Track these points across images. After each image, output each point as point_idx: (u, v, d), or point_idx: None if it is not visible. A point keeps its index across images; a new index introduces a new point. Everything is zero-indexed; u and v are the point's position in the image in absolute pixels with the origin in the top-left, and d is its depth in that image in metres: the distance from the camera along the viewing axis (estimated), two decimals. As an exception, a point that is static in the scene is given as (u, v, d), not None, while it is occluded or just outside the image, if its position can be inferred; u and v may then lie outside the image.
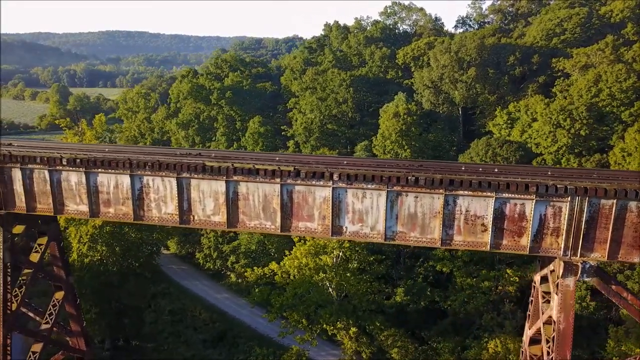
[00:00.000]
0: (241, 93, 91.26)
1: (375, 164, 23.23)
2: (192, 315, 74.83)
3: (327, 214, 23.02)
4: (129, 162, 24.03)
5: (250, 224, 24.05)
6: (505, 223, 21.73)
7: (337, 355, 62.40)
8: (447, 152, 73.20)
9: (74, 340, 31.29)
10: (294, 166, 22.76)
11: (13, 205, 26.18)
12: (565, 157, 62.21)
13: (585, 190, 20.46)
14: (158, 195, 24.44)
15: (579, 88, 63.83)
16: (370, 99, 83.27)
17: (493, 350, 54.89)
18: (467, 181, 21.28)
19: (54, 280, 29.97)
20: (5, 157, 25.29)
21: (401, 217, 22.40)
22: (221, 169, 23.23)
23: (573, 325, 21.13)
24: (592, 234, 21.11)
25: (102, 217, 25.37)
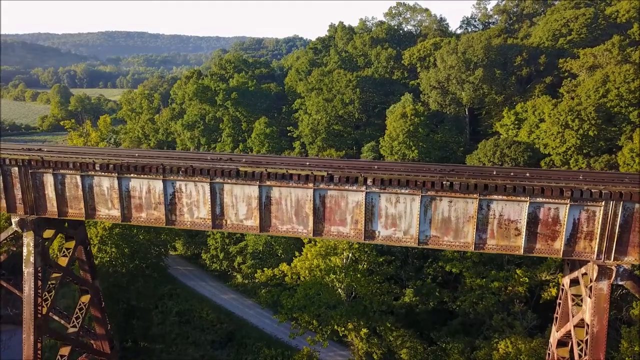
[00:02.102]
0: (246, 94, 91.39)
1: (408, 168, 23.42)
2: (199, 316, 74.91)
3: (359, 219, 23.22)
4: (162, 167, 24.15)
5: (283, 228, 24.25)
6: (539, 227, 22.00)
7: (346, 355, 62.68)
8: (454, 152, 73.52)
9: (99, 343, 31.45)
10: (326, 171, 22.94)
11: (44, 210, 26.28)
12: (573, 158, 62.58)
13: (620, 195, 20.75)
14: (190, 200, 24.60)
15: (586, 88, 64.16)
16: (377, 99, 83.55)
17: (504, 351, 55.14)
18: (502, 186, 21.53)
19: (80, 284, 30.10)
20: (37, 162, 25.37)
21: (435, 222, 22.64)
22: (255, 174, 23.39)
23: (607, 328, 21.40)
24: (625, 237, 21.41)
25: (134, 221, 25.49)
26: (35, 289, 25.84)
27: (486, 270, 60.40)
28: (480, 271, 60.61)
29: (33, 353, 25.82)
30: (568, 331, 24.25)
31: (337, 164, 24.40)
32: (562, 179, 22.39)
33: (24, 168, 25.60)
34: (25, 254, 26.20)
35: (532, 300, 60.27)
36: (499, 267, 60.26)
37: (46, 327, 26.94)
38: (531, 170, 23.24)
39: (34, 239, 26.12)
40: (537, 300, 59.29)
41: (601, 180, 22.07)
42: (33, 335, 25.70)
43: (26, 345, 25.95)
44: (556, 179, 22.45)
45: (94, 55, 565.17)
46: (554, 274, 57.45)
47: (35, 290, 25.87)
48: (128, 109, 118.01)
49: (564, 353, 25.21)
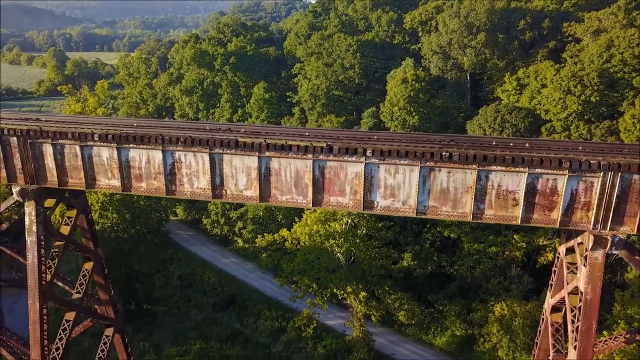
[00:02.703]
0: (245, 59, 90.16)
1: (407, 138, 23.41)
2: (201, 280, 76.32)
3: (358, 189, 23.37)
4: (161, 137, 24.13)
5: (282, 198, 24.42)
6: (537, 197, 22.18)
7: (345, 317, 64.20)
8: (454, 118, 73.18)
9: (103, 308, 32.15)
10: (326, 142, 22.94)
11: (45, 179, 26.41)
12: (574, 124, 62.31)
13: (619, 166, 20.84)
14: (190, 170, 24.68)
15: (590, 53, 63.29)
16: (377, 64, 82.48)
17: (499, 314, 56.48)
18: (501, 157, 21.58)
19: (83, 252, 30.56)
20: (36, 132, 25.32)
21: (433, 192, 22.79)
22: (254, 144, 23.39)
23: (600, 296, 21.89)
24: (622, 208, 21.63)
25: (134, 191, 25.63)
26: (38, 257, 26.27)
27: (484, 235, 61.11)
28: (478, 236, 61.33)
29: (39, 318, 26.46)
30: (562, 298, 24.79)
31: (337, 135, 24.36)
32: (561, 149, 22.43)
33: (23, 138, 25.58)
34: (27, 223, 26.50)
35: (528, 264, 61.23)
36: (496, 233, 60.93)
37: (51, 294, 27.51)
38: (531, 141, 23.24)
39: (36, 209, 26.36)
40: (534, 265, 60.24)
41: (600, 151, 22.12)
42: (38, 302, 26.28)
43: (32, 311, 26.58)
44: (555, 149, 22.48)
45: (89, 18, 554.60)
46: (551, 239, 58.15)
47: (39, 258, 26.29)
48: (125, 74, 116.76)
49: (558, 318, 25.84)
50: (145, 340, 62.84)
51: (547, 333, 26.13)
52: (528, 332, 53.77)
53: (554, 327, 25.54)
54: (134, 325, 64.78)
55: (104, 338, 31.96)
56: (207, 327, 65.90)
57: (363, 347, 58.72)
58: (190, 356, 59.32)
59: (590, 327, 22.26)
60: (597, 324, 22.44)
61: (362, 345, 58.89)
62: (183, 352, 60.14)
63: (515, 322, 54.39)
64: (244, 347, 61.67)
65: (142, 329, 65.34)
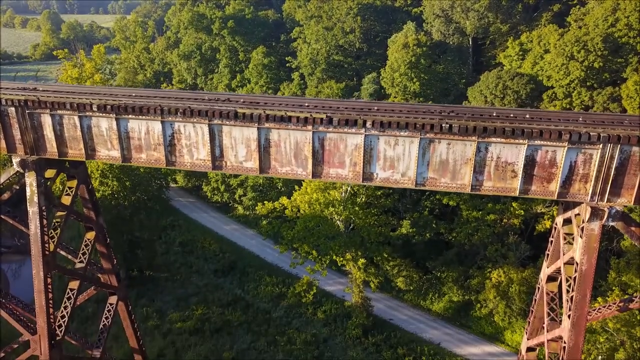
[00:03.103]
0: (243, 22, 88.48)
1: (407, 109, 23.26)
2: (202, 247, 77.32)
3: (358, 161, 23.39)
4: (159, 108, 23.97)
5: (282, 170, 24.47)
6: (535, 169, 22.23)
7: (344, 283, 65.28)
8: (456, 84, 72.51)
9: (106, 277, 32.67)
10: (325, 113, 22.82)
11: (44, 150, 26.39)
12: (576, 91, 61.73)
13: (619, 138, 20.80)
14: (190, 142, 24.63)
15: (595, 17, 62.10)
16: (378, 28, 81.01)
17: (496, 280, 57.46)
18: (501, 129, 21.51)
19: (85, 221, 30.84)
20: (34, 103, 25.14)
21: (432, 164, 22.83)
22: (253, 115, 23.27)
23: (595, 266, 22.23)
24: (620, 180, 21.70)
25: (134, 162, 25.65)
26: (41, 228, 26.53)
27: (482, 203, 61.45)
28: (476, 204, 61.68)
29: (44, 287, 26.95)
30: (558, 268, 25.18)
31: (337, 105, 24.18)
32: (561, 120, 22.33)
33: (21, 108, 25.41)
34: (28, 194, 26.64)
35: (526, 232, 61.84)
36: (495, 200, 61.25)
37: (54, 263, 27.90)
38: (531, 112, 23.12)
39: (36, 179, 26.46)
40: (531, 232, 60.86)
41: (601, 122, 22.04)
42: (42, 272, 26.70)
43: (36, 280, 27.02)
44: (556, 120, 22.39)
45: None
46: (549, 207, 58.52)
47: (42, 228, 26.56)
48: (122, 38, 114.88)
49: (553, 288, 26.31)
50: (148, 305, 64.16)
51: (542, 302, 26.67)
52: (524, 299, 54.87)
53: (549, 296, 26.04)
54: (137, 291, 66.08)
55: (107, 306, 32.61)
56: (209, 293, 67.16)
57: (362, 312, 59.99)
58: (192, 321, 60.70)
59: (585, 296, 22.69)
60: (591, 294, 22.85)
61: (361, 310, 60.12)
62: (185, 318, 61.49)
63: (512, 288, 55.42)
64: (244, 313, 63.02)
65: (145, 294, 66.60)
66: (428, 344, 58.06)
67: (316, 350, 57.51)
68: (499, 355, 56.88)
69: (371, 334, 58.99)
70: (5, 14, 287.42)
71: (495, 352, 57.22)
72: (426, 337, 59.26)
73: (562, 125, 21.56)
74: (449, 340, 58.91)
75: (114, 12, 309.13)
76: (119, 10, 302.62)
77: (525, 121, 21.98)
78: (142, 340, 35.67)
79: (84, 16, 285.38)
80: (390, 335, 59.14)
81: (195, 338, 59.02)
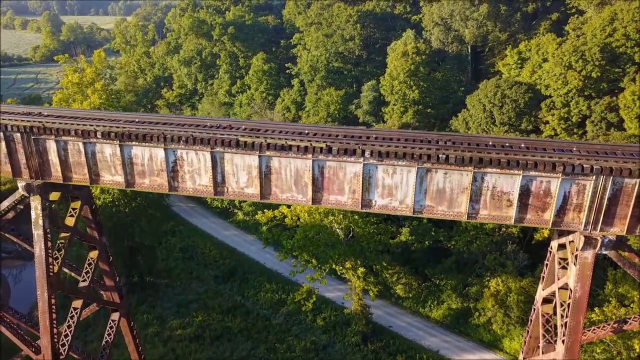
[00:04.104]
0: (243, 28, 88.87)
1: (404, 137, 23.73)
2: (202, 252, 77.73)
3: (357, 188, 23.88)
4: (162, 136, 24.44)
5: (283, 196, 24.96)
6: (530, 199, 22.74)
7: (344, 290, 65.70)
8: (455, 92, 73.03)
9: (109, 294, 33.18)
10: (325, 142, 23.29)
11: (49, 175, 26.88)
12: (574, 100, 62.22)
13: (611, 170, 21.31)
14: (192, 168, 25.12)
15: (593, 27, 62.57)
16: (378, 35, 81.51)
17: (494, 289, 58.00)
18: (496, 160, 22.01)
19: (88, 241, 31.30)
20: (39, 129, 25.63)
21: (430, 192, 23.33)
22: (254, 144, 23.75)
23: (588, 293, 22.73)
24: (613, 210, 22.23)
25: (137, 187, 26.14)
26: (45, 250, 27.03)
27: (481, 211, 61.83)
28: (475, 212, 62.06)
29: (48, 308, 27.47)
30: (553, 291, 25.70)
31: (336, 133, 24.62)
32: (556, 150, 22.81)
33: (26, 134, 25.91)
34: (33, 217, 27.14)
35: (524, 240, 62.34)
36: (493, 209, 61.60)
37: (58, 284, 28.40)
38: (526, 141, 23.60)
39: (41, 203, 26.94)
40: (530, 241, 61.36)
41: (594, 153, 22.51)
42: (47, 292, 27.22)
43: (41, 302, 27.54)
44: (550, 150, 22.86)
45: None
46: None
47: (46, 251, 27.06)
48: (122, 41, 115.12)
49: (548, 309, 26.85)
50: (149, 312, 64.56)
51: (537, 323, 27.21)
52: (522, 307, 55.43)
53: (545, 317, 26.58)
54: (137, 298, 66.49)
55: (110, 322, 33.12)
56: (209, 299, 67.51)
57: (361, 319, 60.45)
58: (193, 328, 61.13)
59: (579, 323, 23.23)
60: (584, 320, 23.36)
61: (360, 318, 60.59)
62: (185, 324, 61.92)
63: (510, 297, 55.95)
64: (244, 319, 63.39)
65: (145, 301, 66.94)
66: (427, 351, 58.53)
67: (316, 358, 58.00)
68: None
69: (370, 341, 59.53)
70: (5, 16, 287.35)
71: (493, 359, 57.72)
72: (425, 344, 59.70)
73: (556, 156, 22.06)
74: (447, 348, 59.40)
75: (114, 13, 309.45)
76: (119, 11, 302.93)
77: (521, 151, 22.47)
78: (143, 355, 36.19)
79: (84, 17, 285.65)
80: (389, 342, 59.66)
81: (195, 345, 59.44)
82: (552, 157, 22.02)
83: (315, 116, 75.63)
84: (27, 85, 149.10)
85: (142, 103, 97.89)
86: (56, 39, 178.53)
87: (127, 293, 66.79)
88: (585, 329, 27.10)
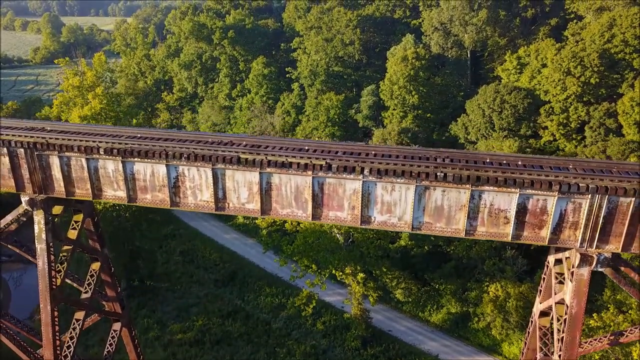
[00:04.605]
0: (244, 32, 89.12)
1: (403, 154, 24.04)
2: (202, 256, 77.87)
3: (356, 205, 24.21)
4: (164, 153, 24.77)
5: (283, 211, 25.29)
6: (527, 216, 23.08)
7: (343, 294, 65.93)
8: (454, 97, 73.32)
9: (111, 304, 33.53)
10: (325, 159, 23.60)
11: (52, 190, 27.22)
12: (573, 106, 62.56)
13: (606, 189, 21.64)
14: (194, 184, 25.45)
15: (591, 33, 62.84)
16: (377, 39, 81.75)
17: (493, 294, 58.30)
18: (494, 178, 22.33)
19: (90, 253, 31.65)
20: (42, 145, 25.96)
21: (428, 209, 23.65)
22: (255, 161, 24.08)
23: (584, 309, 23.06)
24: (608, 228, 22.56)
25: (139, 202, 26.48)
26: (49, 264, 27.39)
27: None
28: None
29: (51, 320, 27.82)
30: (550, 305, 26.03)
31: (336, 149, 24.95)
32: (552, 168, 23.12)
33: (30, 150, 26.23)
34: (36, 231, 27.48)
35: (523, 246, 62.60)
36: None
37: (61, 296, 28.75)
38: (523, 158, 23.91)
39: (44, 217, 27.29)
40: (529, 247, 61.55)
41: (590, 171, 22.82)
42: (50, 305, 27.57)
43: (44, 314, 27.90)
44: (547, 167, 23.18)
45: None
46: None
47: (49, 264, 27.41)
48: (122, 44, 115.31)
49: (545, 323, 27.19)
50: (149, 316, 64.77)
51: (535, 335, 27.55)
52: (521, 313, 55.72)
53: (542, 331, 26.92)
54: (138, 302, 66.74)
55: (111, 332, 33.48)
56: (209, 303, 67.70)
57: (361, 324, 60.75)
58: (193, 332, 61.37)
59: (574, 338, 23.57)
60: (580, 335, 23.71)
61: (360, 322, 60.90)
62: (186, 328, 62.15)
63: (509, 303, 56.25)
64: (244, 324, 63.58)
65: (146, 305, 67.17)
66: (426, 355, 58.79)
67: (315, 362, 58.23)
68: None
69: (370, 345, 59.75)
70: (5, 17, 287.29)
71: (492, 364, 58.04)
72: (425, 348, 59.94)
73: (552, 175, 22.37)
74: (447, 352, 59.64)
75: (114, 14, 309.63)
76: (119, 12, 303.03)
77: (517, 170, 22.78)
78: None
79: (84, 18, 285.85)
80: (389, 346, 59.90)
81: (195, 349, 59.62)
82: (548, 175, 22.34)
83: (315, 120, 75.89)
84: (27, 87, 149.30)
85: (143, 106, 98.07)
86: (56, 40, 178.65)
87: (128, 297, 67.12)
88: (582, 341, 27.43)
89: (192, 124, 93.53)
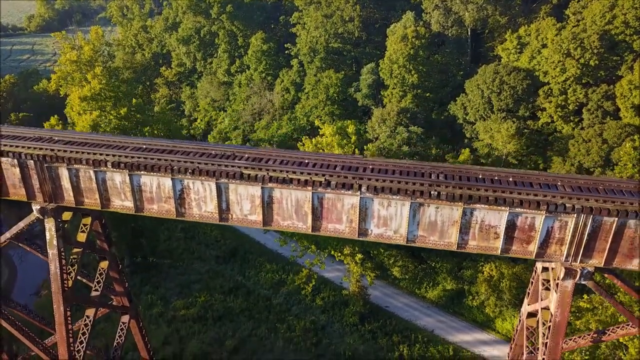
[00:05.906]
0: (242, 6, 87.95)
1: (399, 170, 25.04)
2: (203, 233, 79.32)
3: (354, 218, 25.38)
4: (170, 167, 25.75)
5: (284, 223, 26.47)
6: (516, 232, 24.31)
7: (342, 270, 67.68)
8: (454, 76, 73.34)
9: (119, 299, 35.19)
10: (324, 175, 24.60)
11: (62, 199, 28.33)
12: (572, 88, 62.81)
13: (591, 210, 22.78)
14: (198, 196, 26.51)
15: (593, 13, 62.38)
16: (377, 15, 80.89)
17: (488, 274, 60.24)
18: (485, 197, 23.41)
19: (99, 253, 33.04)
20: (52, 157, 26.89)
21: (422, 224, 24.84)
22: (257, 177, 25.08)
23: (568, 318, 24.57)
24: (592, 244, 23.85)
25: (146, 212, 27.58)
26: (60, 268, 28.78)
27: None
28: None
29: (64, 320, 29.45)
30: (536, 309, 27.59)
31: (334, 163, 25.91)
32: (541, 185, 24.17)
33: (39, 162, 27.20)
34: (48, 238, 28.76)
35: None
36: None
37: (73, 297, 30.31)
38: (514, 174, 24.90)
39: (55, 224, 28.49)
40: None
41: (577, 189, 23.88)
42: (62, 306, 29.13)
43: (57, 314, 29.54)
44: (536, 185, 24.23)
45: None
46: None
47: (61, 268, 28.80)
48: (118, 15, 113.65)
49: (532, 323, 28.85)
50: (152, 292, 66.52)
51: (522, 334, 29.23)
52: (514, 292, 57.73)
53: (529, 330, 28.60)
54: (141, 278, 68.56)
55: (120, 324, 35.33)
56: (211, 280, 69.39)
57: (359, 300, 62.91)
58: (196, 308, 63.22)
59: (557, 344, 25.22)
60: (562, 342, 25.30)
61: (358, 298, 63.03)
62: (189, 305, 63.95)
63: (503, 283, 58.24)
64: (246, 300, 65.43)
65: (149, 281, 68.83)
66: (422, 331, 61.05)
67: (314, 337, 60.29)
68: (490, 342, 59.77)
69: (367, 321, 61.80)
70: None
71: (486, 339, 60.20)
72: (420, 324, 62.14)
73: (541, 194, 23.46)
74: (442, 328, 61.90)
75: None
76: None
77: (508, 188, 23.84)
78: (152, 352, 38.52)
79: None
80: (385, 322, 62.02)
81: (199, 325, 61.56)
82: (537, 194, 23.43)
83: (315, 99, 76.10)
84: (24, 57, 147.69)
85: (141, 80, 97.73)
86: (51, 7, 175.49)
87: (132, 274, 69.01)
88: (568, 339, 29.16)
89: (191, 99, 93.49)
